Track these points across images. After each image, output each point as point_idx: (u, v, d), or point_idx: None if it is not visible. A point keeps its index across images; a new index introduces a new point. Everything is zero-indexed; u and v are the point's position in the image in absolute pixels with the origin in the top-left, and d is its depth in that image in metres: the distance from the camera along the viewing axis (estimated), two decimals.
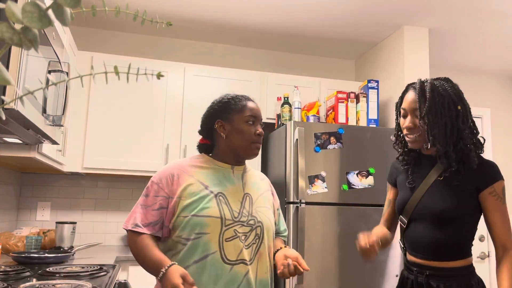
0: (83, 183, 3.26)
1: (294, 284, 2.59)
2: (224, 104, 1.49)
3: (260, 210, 1.46)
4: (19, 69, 1.32)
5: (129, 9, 3.09)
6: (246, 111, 1.46)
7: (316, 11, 3.08)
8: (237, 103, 1.48)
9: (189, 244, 1.34)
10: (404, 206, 1.53)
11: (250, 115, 1.46)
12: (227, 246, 1.35)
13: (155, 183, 1.43)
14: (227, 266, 1.34)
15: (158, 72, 0.53)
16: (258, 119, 1.49)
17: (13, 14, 0.45)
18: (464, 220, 1.42)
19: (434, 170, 1.48)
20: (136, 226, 1.38)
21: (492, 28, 3.25)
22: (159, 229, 1.40)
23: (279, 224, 1.66)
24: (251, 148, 1.46)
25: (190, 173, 1.43)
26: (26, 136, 1.72)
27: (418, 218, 1.50)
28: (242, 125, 1.45)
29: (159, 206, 1.39)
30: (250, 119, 1.46)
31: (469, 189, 1.42)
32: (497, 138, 4.15)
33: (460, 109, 1.43)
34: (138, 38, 3.54)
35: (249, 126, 1.46)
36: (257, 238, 1.41)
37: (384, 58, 3.53)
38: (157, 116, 3.09)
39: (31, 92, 0.50)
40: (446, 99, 1.42)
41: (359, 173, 2.82)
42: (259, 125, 1.49)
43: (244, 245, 1.37)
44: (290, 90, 3.34)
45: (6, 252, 2.41)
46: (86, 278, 1.73)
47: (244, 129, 1.45)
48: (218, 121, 1.48)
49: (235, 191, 1.44)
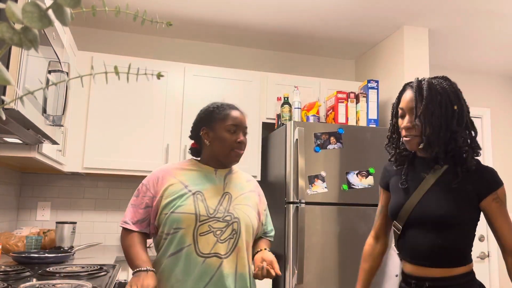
0: (83, 183, 3.26)
1: (294, 284, 2.59)
2: (209, 112, 1.60)
3: (239, 207, 1.54)
4: (19, 69, 1.32)
5: (129, 9, 3.09)
6: (228, 120, 1.56)
7: (316, 11, 3.08)
8: (221, 112, 1.58)
9: (168, 238, 1.48)
10: (399, 211, 1.46)
11: (231, 123, 1.56)
12: (200, 240, 1.46)
13: (144, 185, 1.58)
14: (200, 259, 1.45)
15: (158, 72, 0.53)
16: (240, 127, 1.58)
17: (13, 14, 0.45)
18: (464, 224, 1.38)
19: (432, 173, 1.43)
20: (125, 223, 1.54)
21: (492, 28, 3.25)
22: (147, 226, 1.54)
23: (266, 224, 1.73)
24: (231, 155, 1.56)
25: (174, 174, 1.57)
26: (26, 136, 1.72)
27: (415, 224, 1.43)
28: (224, 133, 1.55)
29: (145, 205, 1.54)
30: (231, 128, 1.55)
31: (468, 193, 1.38)
32: (497, 138, 4.15)
33: (456, 109, 1.39)
34: (138, 38, 3.54)
35: (230, 134, 1.55)
36: (234, 233, 1.50)
37: (384, 58, 3.53)
38: (157, 116, 3.09)
39: (31, 92, 0.51)
40: (443, 97, 1.39)
41: (359, 173, 2.82)
42: (242, 133, 1.58)
43: (219, 239, 1.47)
44: (290, 90, 3.35)
45: (6, 252, 2.41)
46: (86, 278, 1.74)
47: (225, 137, 1.55)
48: (203, 128, 1.59)
49: (215, 190, 1.55)
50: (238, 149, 1.57)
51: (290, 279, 2.63)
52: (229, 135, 1.55)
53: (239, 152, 1.57)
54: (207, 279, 1.44)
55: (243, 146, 1.58)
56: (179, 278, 1.44)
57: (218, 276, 1.45)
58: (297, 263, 2.59)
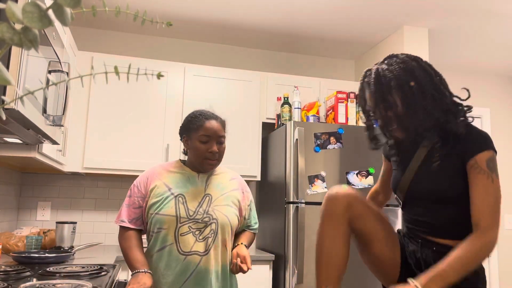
0: (83, 183, 3.26)
1: (294, 284, 2.59)
2: (187, 122, 1.71)
3: (218, 208, 1.66)
4: (19, 69, 1.32)
5: (129, 9, 3.10)
6: (200, 131, 1.65)
7: (316, 11, 3.08)
8: (195, 122, 1.67)
9: (154, 236, 1.63)
10: (397, 186, 1.46)
11: (203, 134, 1.64)
12: (181, 239, 1.60)
13: (135, 186, 1.71)
14: (181, 256, 1.59)
15: (158, 72, 0.53)
16: (213, 137, 1.66)
17: (13, 14, 0.45)
18: (461, 197, 1.29)
19: (420, 149, 1.38)
20: (122, 222, 1.67)
21: (492, 28, 3.25)
22: (141, 223, 1.69)
23: (250, 218, 1.82)
24: (204, 164, 1.67)
25: (159, 176, 1.69)
26: (26, 136, 1.72)
27: (413, 199, 1.40)
28: (197, 143, 1.66)
29: (138, 205, 1.68)
30: (203, 138, 1.64)
31: (455, 163, 1.29)
32: (497, 138, 4.15)
33: (413, 85, 1.28)
34: (138, 38, 3.55)
35: (203, 144, 1.65)
36: (212, 233, 1.63)
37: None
38: (157, 116, 3.09)
39: (31, 92, 0.51)
40: (393, 82, 1.30)
41: (359, 173, 2.82)
42: (215, 142, 1.66)
43: (198, 239, 1.61)
44: (290, 90, 3.35)
45: (6, 252, 2.42)
46: (86, 278, 1.74)
47: (198, 146, 1.65)
48: (183, 136, 1.73)
49: (196, 192, 1.66)
50: (210, 159, 1.66)
51: (290, 279, 2.63)
52: (202, 145, 1.65)
53: (211, 161, 1.67)
54: (188, 273, 1.59)
55: (216, 156, 1.67)
56: (163, 273, 1.60)
57: (198, 271, 1.60)
58: (297, 263, 2.59)
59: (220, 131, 1.68)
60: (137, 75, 0.59)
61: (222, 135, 1.68)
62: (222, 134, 1.69)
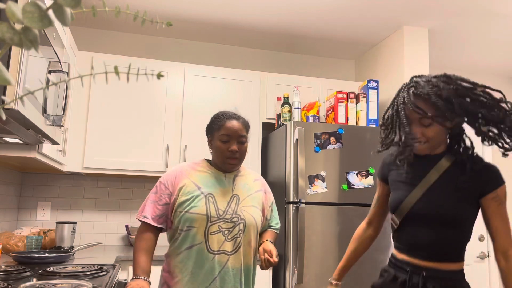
0: (83, 183, 3.26)
1: (294, 284, 2.59)
2: (211, 122, 1.75)
3: (245, 209, 1.68)
4: (20, 69, 1.32)
5: (129, 9, 3.09)
6: (221, 130, 1.68)
7: (316, 11, 3.08)
8: (217, 122, 1.71)
9: (182, 235, 1.63)
10: (399, 205, 1.48)
11: (223, 134, 1.67)
12: (211, 238, 1.61)
13: (162, 183, 1.70)
14: (210, 255, 1.61)
15: (158, 72, 0.53)
16: (233, 137, 1.68)
17: (13, 14, 0.45)
18: (464, 222, 1.40)
19: (435, 169, 1.44)
20: (145, 218, 1.66)
21: (492, 28, 3.25)
22: (164, 221, 1.68)
23: (271, 219, 1.86)
24: (225, 163, 1.69)
25: (188, 175, 1.70)
26: (26, 136, 1.72)
27: (415, 219, 1.45)
28: (218, 142, 1.69)
29: (164, 202, 1.68)
30: (223, 138, 1.67)
31: (471, 191, 1.40)
32: None
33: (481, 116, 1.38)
34: (138, 38, 3.55)
35: (223, 144, 1.67)
36: (240, 233, 1.65)
37: (384, 58, 3.53)
38: (157, 116, 3.09)
39: (31, 92, 0.51)
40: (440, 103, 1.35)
41: (359, 173, 2.82)
42: (236, 142, 1.68)
43: (227, 238, 1.63)
44: (290, 90, 3.35)
45: (7, 252, 2.42)
46: (86, 278, 1.74)
47: (219, 146, 1.68)
48: (208, 136, 1.76)
49: (224, 192, 1.69)
50: (230, 158, 1.68)
51: (290, 279, 2.63)
52: (222, 145, 1.67)
53: (231, 161, 1.68)
54: (216, 272, 1.60)
55: (237, 155, 1.69)
56: (192, 271, 1.60)
57: (225, 270, 1.62)
58: (297, 263, 2.59)
59: (241, 131, 1.69)
60: (137, 75, 0.59)
61: (242, 135, 1.69)
62: (243, 134, 1.70)
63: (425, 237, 1.42)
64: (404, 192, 1.49)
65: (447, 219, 1.39)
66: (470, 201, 1.40)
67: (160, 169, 3.03)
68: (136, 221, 3.30)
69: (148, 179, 3.38)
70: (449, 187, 1.41)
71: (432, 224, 1.41)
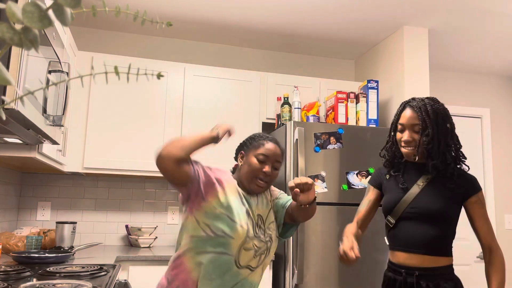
0: (83, 183, 3.26)
1: (294, 284, 2.59)
2: (250, 139, 1.71)
3: (270, 226, 1.67)
4: (20, 69, 1.32)
5: (129, 9, 3.09)
6: (260, 149, 1.64)
7: (315, 11, 3.08)
8: (258, 140, 1.68)
9: (213, 237, 1.53)
10: (394, 206, 1.68)
11: (262, 153, 1.63)
12: (243, 254, 1.57)
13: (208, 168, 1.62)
14: (236, 268, 1.57)
15: (158, 72, 0.53)
16: (270, 159, 1.64)
17: (13, 14, 0.45)
18: (451, 219, 1.62)
19: (425, 175, 1.67)
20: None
21: (492, 28, 3.25)
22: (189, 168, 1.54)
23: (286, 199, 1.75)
24: (253, 181, 1.62)
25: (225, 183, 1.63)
26: (26, 136, 1.72)
27: (409, 217, 1.64)
28: (253, 159, 1.64)
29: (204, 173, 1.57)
30: (260, 157, 1.63)
31: (455, 193, 1.63)
32: (497, 138, 4.15)
33: (449, 127, 1.64)
34: (138, 38, 3.55)
35: (258, 163, 1.63)
36: (266, 251, 1.64)
37: (384, 58, 3.53)
38: (157, 116, 3.09)
39: (31, 92, 0.51)
40: (439, 117, 1.62)
41: (359, 173, 2.82)
42: (271, 165, 1.64)
43: (255, 255, 1.60)
44: (290, 90, 3.35)
45: (7, 252, 2.42)
46: (86, 278, 1.74)
47: (253, 163, 1.63)
48: (241, 152, 1.71)
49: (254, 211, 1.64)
50: (261, 178, 1.62)
51: (290, 279, 2.63)
52: (257, 163, 1.63)
53: (261, 182, 1.62)
54: (233, 283, 1.57)
55: (268, 178, 1.63)
56: (212, 277, 1.54)
57: (243, 282, 1.60)
58: (297, 263, 2.59)
59: (278, 156, 1.66)
60: (137, 75, 0.59)
61: (279, 160, 1.66)
62: (279, 159, 1.67)
63: (419, 233, 1.61)
64: (398, 194, 1.69)
65: (438, 216, 1.60)
66: (455, 201, 1.63)
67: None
68: (136, 221, 3.30)
69: (148, 179, 3.38)
70: (439, 189, 1.63)
71: (425, 221, 1.61)
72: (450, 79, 4.16)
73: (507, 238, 4.03)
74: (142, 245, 3.07)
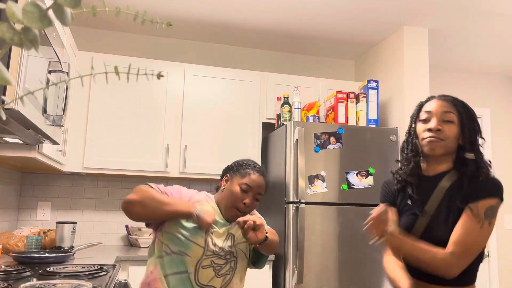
0: (83, 183, 3.26)
1: (294, 284, 2.59)
2: (238, 165, 1.70)
3: (239, 246, 1.65)
4: (20, 69, 1.32)
5: (129, 10, 3.09)
6: (245, 179, 1.63)
7: (316, 11, 3.08)
8: (245, 169, 1.66)
9: (172, 257, 1.57)
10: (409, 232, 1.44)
11: (246, 183, 1.62)
12: (201, 271, 1.57)
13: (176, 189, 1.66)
14: (197, 287, 1.56)
15: (158, 72, 0.53)
16: (253, 191, 1.62)
17: (13, 14, 0.45)
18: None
19: (437, 191, 1.42)
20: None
21: (492, 28, 3.25)
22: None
23: None
24: (232, 210, 1.62)
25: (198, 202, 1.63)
26: (26, 136, 1.72)
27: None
28: (236, 187, 1.62)
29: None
30: (244, 187, 1.61)
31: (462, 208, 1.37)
32: (497, 137, 4.15)
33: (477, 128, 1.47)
34: (138, 38, 3.55)
35: (241, 192, 1.61)
36: (231, 270, 1.63)
37: (384, 58, 3.53)
38: (157, 116, 3.09)
39: (32, 92, 0.51)
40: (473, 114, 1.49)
41: (359, 173, 2.82)
42: (253, 197, 1.63)
43: (217, 274, 1.59)
44: (290, 90, 3.34)
45: (7, 252, 2.41)
46: (86, 278, 1.74)
47: (234, 190, 1.62)
48: (226, 175, 1.70)
49: (223, 229, 1.63)
50: (239, 209, 1.61)
51: (290, 279, 2.63)
52: (239, 192, 1.61)
53: (239, 212, 1.61)
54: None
55: (247, 209, 1.62)
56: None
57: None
58: (297, 263, 2.59)
59: (262, 189, 1.66)
60: (137, 75, 0.59)
61: (261, 192, 1.66)
62: (262, 192, 1.66)
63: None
64: (411, 220, 1.46)
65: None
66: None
67: (160, 169, 3.03)
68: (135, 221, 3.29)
69: (148, 179, 3.37)
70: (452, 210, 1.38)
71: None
72: (450, 79, 4.16)
73: (507, 238, 4.02)
74: (142, 245, 3.07)
